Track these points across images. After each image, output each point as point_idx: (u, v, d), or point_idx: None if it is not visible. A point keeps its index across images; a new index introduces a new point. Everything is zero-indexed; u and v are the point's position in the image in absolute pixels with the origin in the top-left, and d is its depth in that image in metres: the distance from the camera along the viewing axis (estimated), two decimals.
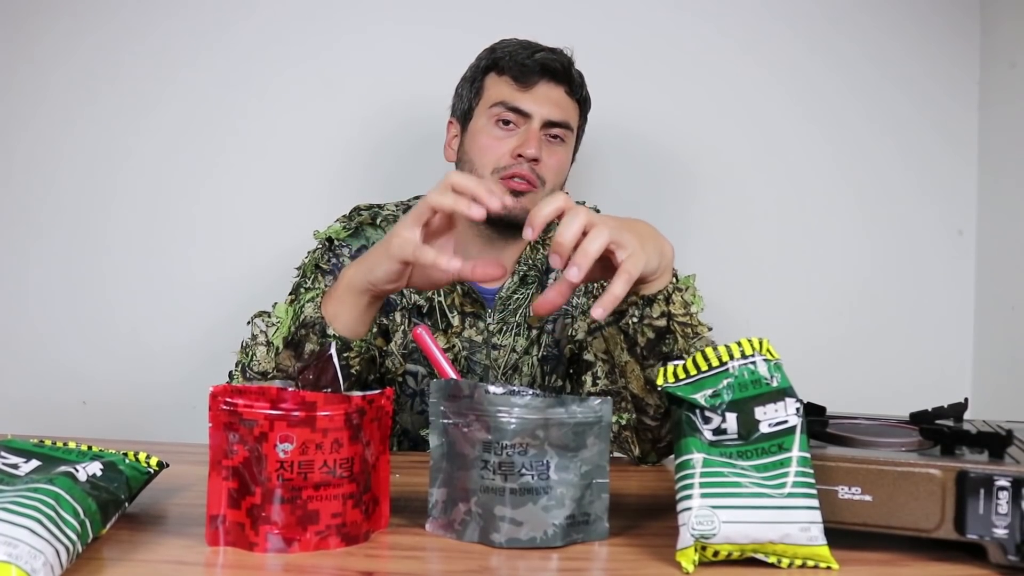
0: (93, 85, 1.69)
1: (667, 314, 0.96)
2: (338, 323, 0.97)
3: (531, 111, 1.22)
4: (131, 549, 0.72)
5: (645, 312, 0.96)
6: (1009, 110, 1.66)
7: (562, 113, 1.25)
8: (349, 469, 0.74)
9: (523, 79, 1.23)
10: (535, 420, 0.74)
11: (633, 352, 0.98)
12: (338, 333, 0.97)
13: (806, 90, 1.74)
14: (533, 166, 1.21)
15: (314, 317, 0.98)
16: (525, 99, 1.23)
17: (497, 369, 1.25)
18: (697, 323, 0.98)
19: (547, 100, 1.24)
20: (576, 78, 1.28)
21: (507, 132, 1.23)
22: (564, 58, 1.26)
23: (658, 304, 0.95)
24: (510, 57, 1.25)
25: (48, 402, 1.68)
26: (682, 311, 0.96)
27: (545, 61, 1.23)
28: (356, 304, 0.96)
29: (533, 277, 1.27)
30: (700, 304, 1.00)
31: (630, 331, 0.97)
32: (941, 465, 0.72)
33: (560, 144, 1.26)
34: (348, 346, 0.98)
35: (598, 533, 0.77)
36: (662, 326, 0.96)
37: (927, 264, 1.76)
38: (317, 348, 0.97)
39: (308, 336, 0.98)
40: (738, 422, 0.74)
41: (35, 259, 1.70)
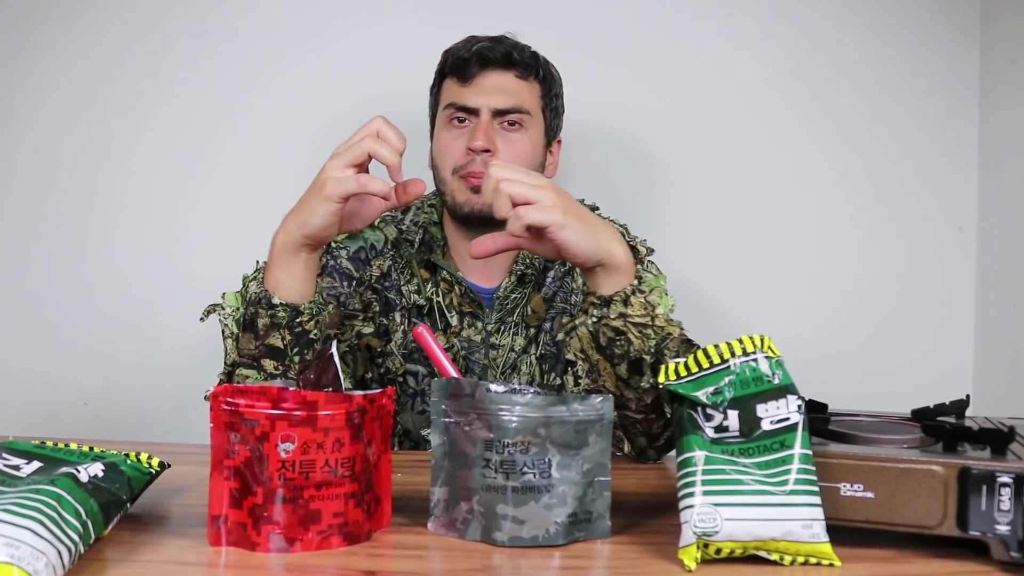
0: (92, 86, 1.69)
1: (623, 315, 0.96)
2: (281, 290, 0.98)
3: (476, 104, 1.22)
4: (133, 550, 0.72)
5: (603, 312, 0.97)
6: (1009, 107, 1.66)
7: (511, 99, 1.23)
8: (351, 468, 0.74)
9: (464, 74, 1.24)
10: (536, 418, 0.74)
11: (601, 351, 0.99)
12: (284, 300, 0.98)
13: (806, 87, 1.74)
14: (488, 158, 1.20)
15: (258, 292, 0.99)
16: (468, 93, 1.23)
17: (496, 369, 1.25)
18: (664, 324, 0.98)
19: (493, 90, 1.23)
20: (525, 59, 1.25)
21: (461, 130, 1.23)
22: (505, 44, 1.25)
23: (616, 305, 0.96)
24: (452, 55, 1.26)
25: (49, 403, 1.68)
26: (640, 312, 0.96)
27: (482, 51, 1.23)
28: (293, 263, 0.98)
29: (531, 276, 1.27)
30: (668, 304, 1.00)
31: (592, 330, 0.98)
32: (943, 462, 0.72)
33: (519, 130, 1.24)
34: (298, 311, 0.98)
35: (600, 531, 0.77)
36: (617, 326, 0.96)
37: (928, 261, 1.76)
38: (268, 321, 0.98)
39: (258, 313, 0.98)
40: (740, 419, 0.74)
41: (35, 260, 1.70)
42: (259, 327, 0.99)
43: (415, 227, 1.29)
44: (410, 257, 1.27)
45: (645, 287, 0.98)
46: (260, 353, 0.99)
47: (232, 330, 1.02)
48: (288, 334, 0.99)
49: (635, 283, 0.97)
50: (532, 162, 1.25)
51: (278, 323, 0.99)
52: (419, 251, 1.27)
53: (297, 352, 0.99)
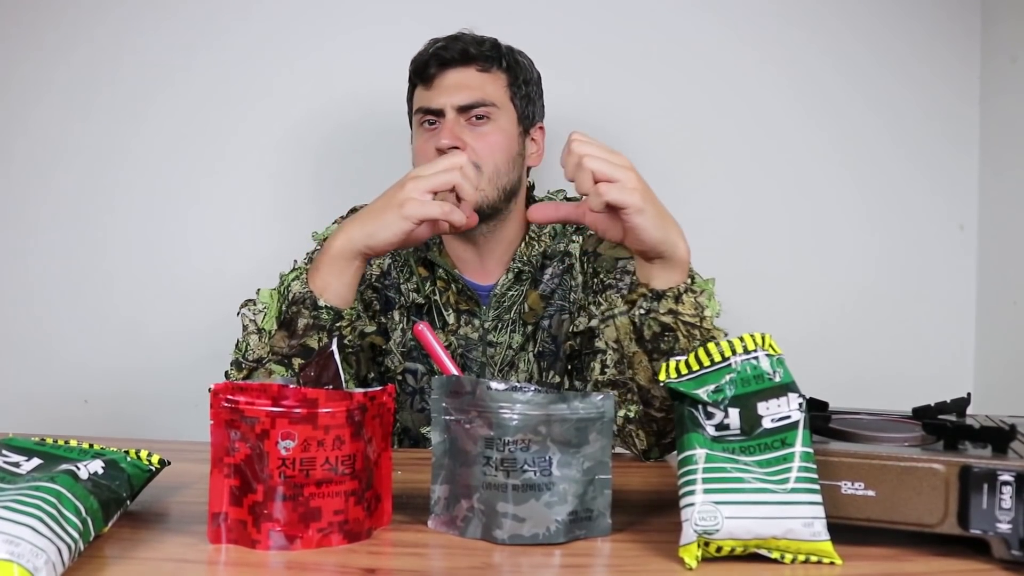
0: (89, 89, 1.69)
1: (674, 312, 0.97)
2: (329, 293, 1.01)
3: (439, 105, 1.22)
4: (133, 547, 0.72)
5: (653, 306, 0.97)
6: (1010, 104, 1.66)
7: (473, 93, 1.23)
8: (351, 466, 0.74)
9: (424, 78, 1.24)
10: (537, 416, 0.74)
11: (641, 344, 0.99)
12: (329, 303, 1.00)
13: (807, 85, 1.74)
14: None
15: (303, 292, 1.01)
16: (430, 96, 1.23)
17: (494, 366, 1.25)
18: (711, 327, 0.99)
19: (453, 87, 1.23)
20: (484, 52, 1.25)
21: (431, 132, 1.23)
22: (463, 40, 1.25)
23: (666, 301, 0.97)
24: (414, 62, 1.26)
25: (50, 400, 1.68)
26: (691, 311, 0.97)
27: (437, 51, 1.23)
28: (346, 270, 1.01)
29: (527, 274, 1.27)
30: (716, 308, 1.01)
31: (637, 322, 0.98)
32: (944, 460, 0.72)
33: (487, 123, 1.23)
34: (340, 315, 1.01)
35: (601, 529, 0.77)
36: (667, 322, 0.97)
37: (929, 259, 1.76)
38: (310, 322, 1.00)
39: (300, 312, 1.00)
40: (741, 417, 0.74)
41: (36, 257, 1.70)
42: (298, 327, 1.00)
43: None
44: (408, 255, 1.27)
45: (697, 287, 0.99)
46: (292, 352, 1.01)
47: (261, 326, 1.03)
48: (326, 336, 1.01)
49: (688, 281, 0.98)
50: (507, 153, 1.24)
51: (321, 325, 1.00)
52: (416, 249, 1.27)
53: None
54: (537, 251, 1.28)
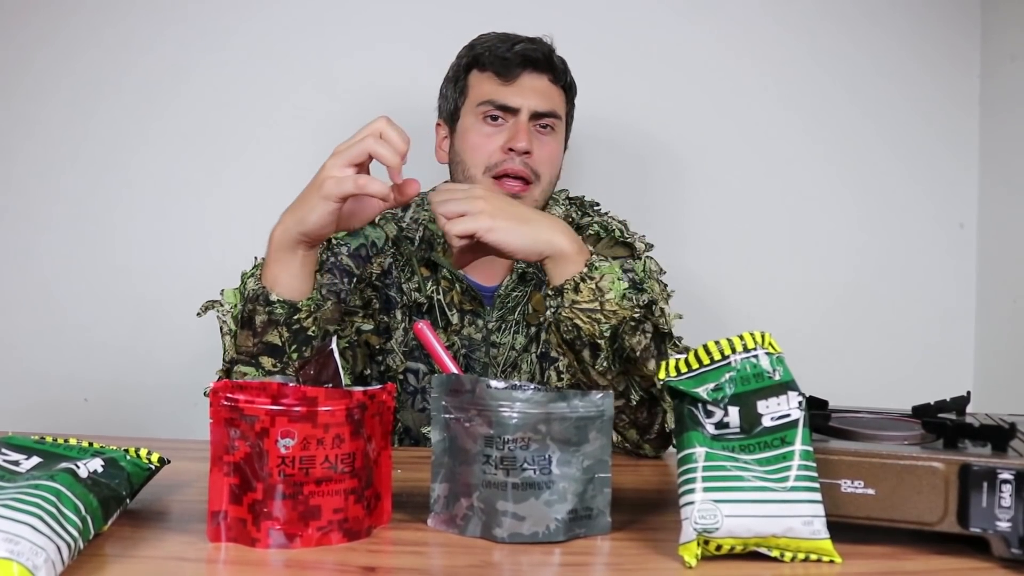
0: (99, 84, 1.69)
1: (573, 302, 0.98)
2: (279, 286, 0.98)
3: (518, 104, 1.22)
4: (133, 545, 0.72)
5: (558, 303, 0.99)
6: (1010, 104, 1.66)
7: (549, 103, 1.24)
8: (351, 464, 0.74)
9: (506, 73, 1.22)
10: (537, 415, 0.74)
11: (565, 344, 1.01)
12: (282, 297, 0.98)
13: (806, 84, 1.74)
14: (526, 159, 1.21)
15: (255, 289, 0.99)
16: (510, 93, 1.22)
17: (496, 367, 1.24)
18: (617, 307, 0.97)
19: (532, 91, 1.23)
20: (559, 65, 1.26)
21: (496, 128, 1.23)
22: (545, 47, 1.25)
23: (567, 294, 0.98)
24: (490, 52, 1.24)
25: (50, 399, 1.68)
26: (589, 298, 0.97)
27: (526, 52, 1.23)
28: (291, 260, 0.98)
29: (531, 275, 1.27)
30: (619, 288, 0.98)
31: (553, 323, 1.01)
32: (944, 458, 0.72)
33: (551, 134, 1.25)
34: (295, 308, 0.99)
35: (600, 528, 0.77)
36: (568, 316, 0.99)
37: (928, 257, 1.76)
38: (266, 318, 0.98)
39: (256, 309, 0.99)
40: (740, 416, 0.74)
41: (38, 255, 1.70)
42: (257, 324, 0.99)
43: (415, 225, 1.29)
44: (410, 255, 1.27)
45: (596, 273, 0.98)
46: (258, 350, 0.99)
47: (230, 327, 1.02)
48: (286, 331, 0.99)
49: (584, 270, 0.98)
50: (558, 165, 1.27)
51: (276, 320, 0.99)
52: (419, 249, 1.27)
53: (295, 349, 0.99)
54: None
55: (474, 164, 1.22)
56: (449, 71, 1.30)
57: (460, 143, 1.25)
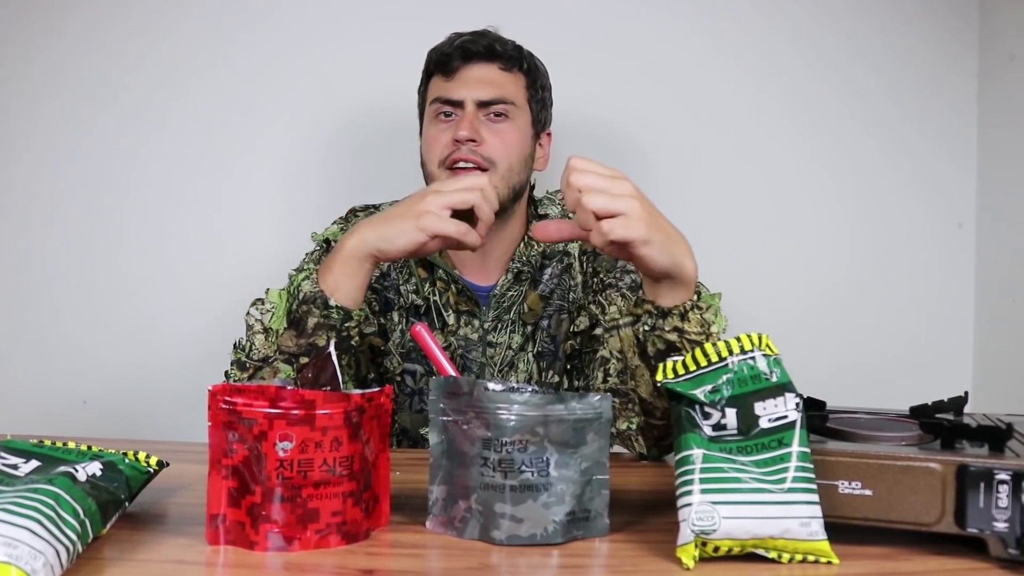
0: (98, 90, 1.69)
1: (679, 330, 0.94)
2: (339, 294, 1.00)
3: (460, 97, 1.23)
4: (131, 549, 0.72)
5: (658, 323, 0.95)
6: (1008, 102, 1.66)
7: (495, 90, 1.24)
8: (349, 467, 0.74)
9: (447, 69, 1.25)
10: (535, 417, 0.74)
11: (644, 359, 0.97)
12: (340, 303, 1.00)
13: (803, 84, 1.74)
14: (474, 147, 1.21)
15: (313, 291, 1.00)
16: (452, 87, 1.24)
17: (493, 367, 1.25)
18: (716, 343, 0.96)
19: (476, 82, 1.24)
20: (507, 51, 1.26)
21: (447, 124, 1.24)
22: (488, 37, 1.26)
23: (672, 318, 0.94)
24: (436, 53, 1.27)
25: (49, 401, 1.68)
26: (697, 329, 0.94)
27: (464, 45, 1.24)
28: (358, 272, 1.00)
29: (527, 274, 1.27)
30: (722, 324, 0.98)
31: (641, 337, 0.96)
32: (941, 459, 0.72)
33: (505, 121, 1.24)
34: (349, 315, 1.01)
35: (598, 529, 0.77)
36: (672, 340, 0.94)
37: (927, 257, 1.76)
38: (320, 321, 1.00)
39: (310, 311, 1.00)
40: (738, 417, 0.74)
41: (37, 259, 1.70)
42: (308, 325, 1.00)
43: None
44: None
45: (703, 303, 0.96)
46: (301, 351, 1.01)
47: (268, 325, 1.02)
48: (335, 336, 1.01)
49: (695, 298, 0.95)
50: (520, 152, 1.25)
51: (331, 324, 1.00)
52: None
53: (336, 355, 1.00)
54: (536, 251, 1.28)
55: (431, 160, 1.25)
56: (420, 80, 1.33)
57: (422, 143, 1.29)
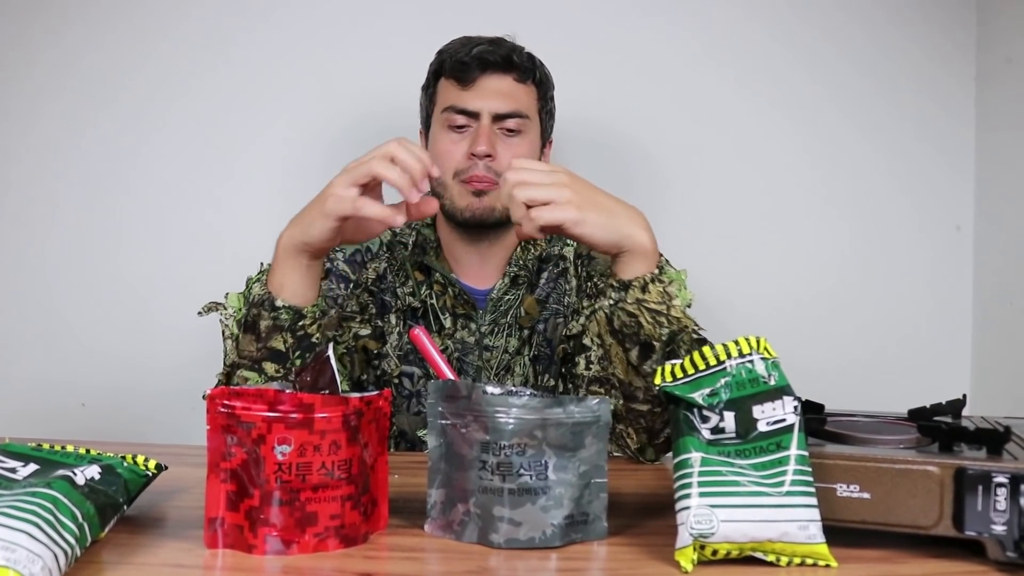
0: (98, 88, 1.69)
1: (639, 300, 0.98)
2: (285, 292, 0.99)
3: (477, 108, 1.21)
4: (130, 552, 0.72)
5: (621, 296, 0.99)
6: (1006, 106, 1.66)
7: (511, 103, 1.23)
8: (347, 471, 0.74)
9: (464, 77, 1.22)
10: (533, 420, 0.74)
11: (613, 335, 1.00)
12: (287, 303, 0.99)
13: (800, 87, 1.74)
14: (489, 163, 1.20)
15: (261, 294, 1.00)
16: (469, 97, 1.22)
17: (490, 370, 1.25)
18: (680, 315, 0.99)
19: (493, 93, 1.22)
20: (523, 62, 1.25)
21: (460, 134, 1.22)
22: (505, 47, 1.24)
23: (633, 291, 0.98)
24: (451, 57, 1.24)
25: (47, 404, 1.68)
26: (657, 299, 0.98)
27: (482, 54, 1.22)
28: (296, 267, 0.99)
29: (524, 278, 1.27)
30: (686, 298, 1.01)
31: (608, 312, 1.00)
32: (939, 462, 0.72)
33: (517, 136, 1.24)
34: (301, 314, 0.99)
35: (597, 533, 0.77)
36: (632, 310, 0.98)
37: (925, 260, 1.76)
38: (271, 323, 0.98)
39: (260, 314, 0.99)
40: (736, 421, 0.74)
41: (35, 260, 1.70)
42: (261, 329, 0.99)
43: (408, 229, 1.30)
44: (404, 259, 1.28)
45: (665, 277, 1.00)
46: (261, 355, 1.00)
47: (233, 331, 1.02)
48: (290, 337, 0.99)
49: (656, 271, 0.99)
50: None
51: (280, 326, 0.99)
52: (413, 253, 1.28)
53: (299, 355, 1.00)
54: (533, 255, 1.28)
55: (444, 171, 1.22)
56: (425, 79, 1.31)
57: (431, 150, 1.25)
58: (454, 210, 1.23)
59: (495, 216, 1.22)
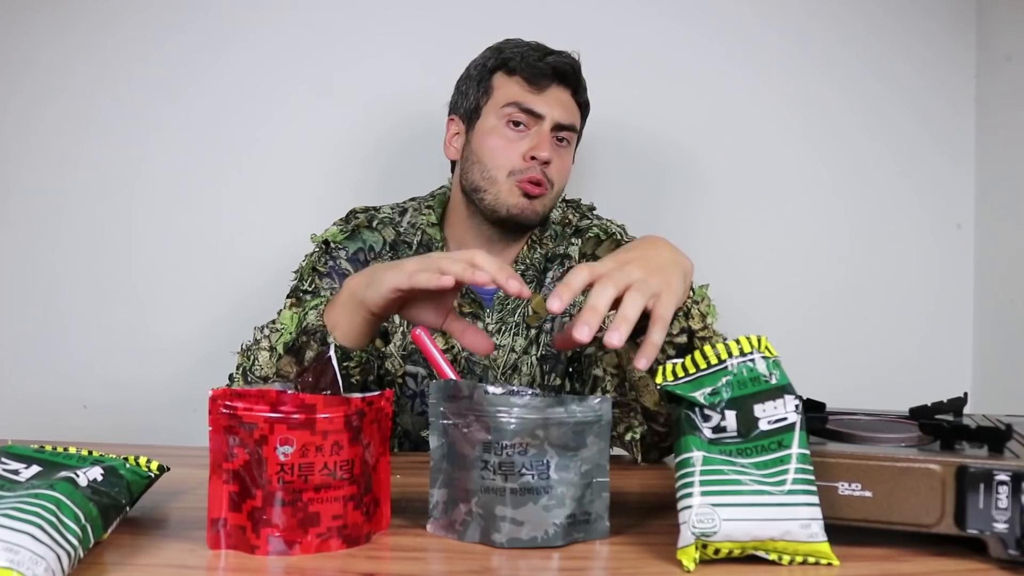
0: (98, 96, 1.69)
1: (687, 330, 0.94)
2: (338, 332, 0.96)
3: (544, 113, 1.23)
4: (132, 553, 0.72)
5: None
6: (1006, 103, 1.66)
7: (570, 116, 1.26)
8: (349, 471, 0.74)
9: (536, 81, 1.24)
10: (535, 420, 0.74)
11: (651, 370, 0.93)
12: (338, 342, 0.96)
13: (801, 86, 1.74)
14: (544, 168, 1.22)
15: (316, 325, 0.98)
16: (538, 101, 1.24)
17: (496, 369, 1.25)
18: (713, 334, 0.97)
19: (557, 103, 1.25)
20: (581, 81, 1.29)
21: (519, 134, 1.24)
22: (573, 61, 1.28)
23: (678, 321, 0.93)
24: (522, 58, 1.25)
25: (49, 406, 1.68)
26: (700, 324, 0.94)
27: (557, 64, 1.25)
28: (353, 316, 0.94)
29: (531, 276, 1.27)
30: (715, 314, 0.98)
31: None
32: (941, 460, 0.72)
33: (566, 147, 1.28)
34: (348, 356, 0.97)
35: (599, 532, 0.77)
36: (683, 343, 0.94)
37: (926, 258, 1.76)
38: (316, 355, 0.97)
39: (309, 343, 0.98)
40: (737, 420, 0.74)
41: (37, 263, 1.70)
42: (305, 357, 0.97)
43: (413, 229, 1.30)
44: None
45: (698, 297, 0.96)
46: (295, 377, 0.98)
47: (274, 345, 1.00)
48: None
49: (691, 294, 0.94)
50: (567, 176, 1.29)
51: None
52: (417, 252, 1.28)
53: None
54: (540, 254, 1.29)
55: (496, 167, 1.23)
56: (473, 69, 1.30)
57: (479, 143, 1.25)
58: (499, 205, 1.23)
59: (539, 219, 1.26)
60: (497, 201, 1.23)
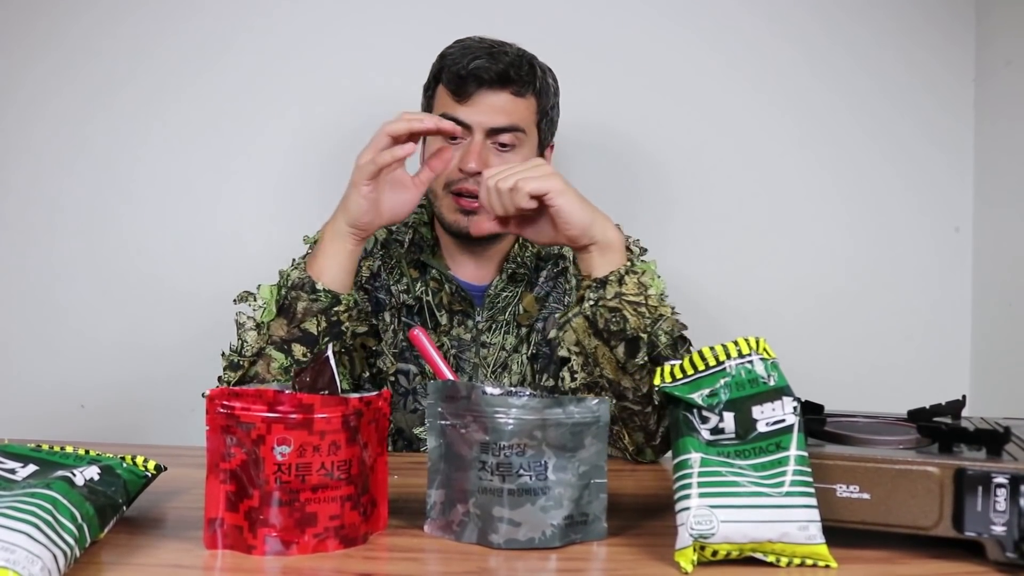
0: (96, 96, 1.69)
1: (619, 294, 1.01)
2: (325, 277, 1.05)
3: (470, 122, 1.19)
4: (129, 553, 0.72)
5: (600, 294, 1.01)
6: (1005, 107, 1.66)
7: (506, 118, 1.20)
8: (347, 471, 0.74)
9: (460, 90, 1.19)
10: (533, 421, 0.74)
11: (598, 335, 1.02)
12: (327, 287, 1.05)
13: (799, 90, 1.74)
14: (478, 179, 1.17)
15: (301, 277, 1.05)
16: (463, 110, 1.19)
17: (487, 367, 1.25)
18: (656, 304, 1.03)
19: (487, 108, 1.19)
20: (521, 75, 1.21)
21: (454, 144, 1.19)
22: (503, 60, 1.20)
23: (611, 286, 1.02)
24: (449, 67, 1.21)
25: (46, 406, 1.68)
26: (635, 291, 1.02)
27: (478, 70, 1.18)
28: (339, 251, 1.06)
29: (522, 275, 1.27)
30: (660, 286, 1.05)
31: (590, 314, 1.02)
32: (939, 463, 0.72)
33: (511, 150, 1.21)
34: (337, 299, 1.05)
35: (596, 533, 0.77)
36: (614, 305, 1.01)
37: (924, 261, 1.76)
38: (309, 305, 1.04)
39: (299, 296, 1.04)
40: (735, 421, 0.74)
41: (33, 263, 1.70)
42: (297, 311, 1.04)
43: (405, 227, 1.30)
44: (399, 257, 1.28)
45: (638, 268, 1.04)
46: (292, 336, 1.03)
47: (260, 320, 1.05)
48: (324, 321, 1.04)
49: (628, 264, 1.03)
50: None
51: (320, 308, 1.04)
52: (409, 251, 1.28)
53: (328, 341, 1.04)
54: (530, 253, 1.28)
55: (437, 180, 1.21)
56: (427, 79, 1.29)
57: (427, 154, 1.23)
58: (443, 219, 1.24)
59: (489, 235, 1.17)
60: (441, 215, 1.23)
